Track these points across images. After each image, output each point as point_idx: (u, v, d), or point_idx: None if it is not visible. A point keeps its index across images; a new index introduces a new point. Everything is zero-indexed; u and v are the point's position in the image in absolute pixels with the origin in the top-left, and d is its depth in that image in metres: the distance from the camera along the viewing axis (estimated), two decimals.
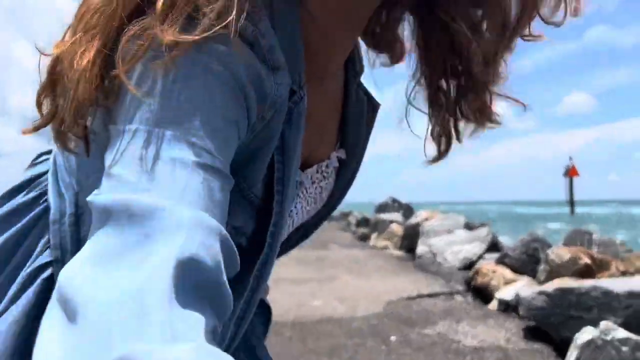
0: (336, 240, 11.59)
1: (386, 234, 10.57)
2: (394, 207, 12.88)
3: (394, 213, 12.26)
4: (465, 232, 7.65)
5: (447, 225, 8.38)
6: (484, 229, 7.58)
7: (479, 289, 5.73)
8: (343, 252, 8.81)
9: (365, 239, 12.30)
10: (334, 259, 7.55)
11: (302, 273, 5.96)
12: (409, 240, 9.23)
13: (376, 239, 10.61)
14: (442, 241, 7.69)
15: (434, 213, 9.56)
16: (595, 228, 28.20)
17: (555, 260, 5.07)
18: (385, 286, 5.08)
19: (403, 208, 12.76)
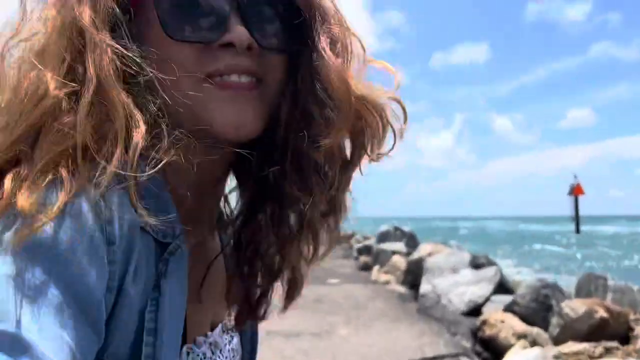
0: (337, 271, 11.21)
1: (388, 266, 10.19)
2: (396, 235, 12.49)
3: (397, 243, 11.88)
4: (471, 272, 7.27)
5: (452, 262, 8.00)
6: (491, 269, 7.20)
7: (487, 342, 5.34)
8: (343, 289, 8.43)
9: (367, 268, 11.91)
10: (332, 301, 7.17)
11: (297, 322, 5.59)
12: (412, 276, 8.84)
13: (378, 271, 10.22)
14: (446, 281, 7.31)
15: (438, 246, 9.18)
16: (604, 248, 27.61)
17: (570, 314, 4.70)
18: (386, 342, 4.70)
19: (406, 237, 12.36)
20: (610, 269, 20.74)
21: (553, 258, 26.60)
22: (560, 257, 27.01)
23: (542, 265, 22.47)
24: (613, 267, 22.21)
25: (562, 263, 24.17)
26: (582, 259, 26.13)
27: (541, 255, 28.96)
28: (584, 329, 4.67)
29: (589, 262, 24.43)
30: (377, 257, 11.56)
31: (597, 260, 25.13)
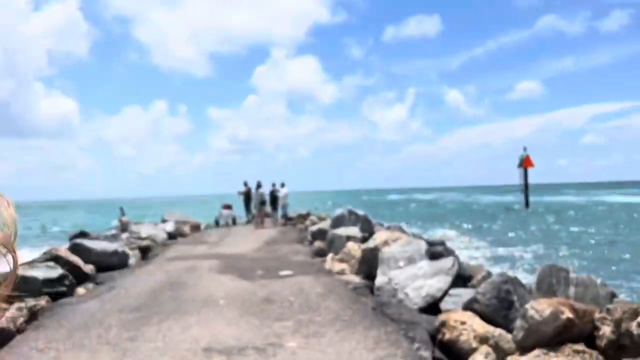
0: (291, 260, 10.74)
1: (343, 254, 9.78)
2: (350, 219, 12.10)
3: (351, 227, 11.49)
4: (428, 264, 6.91)
5: (408, 251, 7.63)
6: (449, 260, 6.86)
7: (447, 346, 4.98)
8: (295, 283, 7.95)
9: (322, 254, 11.49)
10: (283, 300, 6.68)
11: (242, 333, 5.07)
12: (367, 266, 8.45)
13: (332, 260, 9.79)
14: (403, 273, 6.93)
15: (394, 233, 8.81)
16: (550, 221, 28.03)
17: (534, 316, 4.36)
18: (340, 356, 4.25)
19: (360, 220, 12.01)
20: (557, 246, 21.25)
21: (505, 235, 27.03)
22: (513, 240, 27.47)
23: (495, 243, 22.76)
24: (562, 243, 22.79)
25: (516, 241, 24.58)
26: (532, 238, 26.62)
27: (493, 230, 29.41)
28: (549, 331, 4.36)
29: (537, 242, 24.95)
30: (331, 243, 11.14)
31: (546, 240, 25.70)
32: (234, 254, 12.05)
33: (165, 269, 10.05)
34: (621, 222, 32.83)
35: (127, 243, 14.53)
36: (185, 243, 15.71)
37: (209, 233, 18.91)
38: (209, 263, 10.65)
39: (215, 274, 9.20)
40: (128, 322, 5.74)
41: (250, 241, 15.06)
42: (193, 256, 12.08)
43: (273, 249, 12.94)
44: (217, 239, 16.41)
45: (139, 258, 13.62)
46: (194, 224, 21.88)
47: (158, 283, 8.41)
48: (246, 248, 13.33)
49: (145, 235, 16.90)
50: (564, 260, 16.78)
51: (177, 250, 13.85)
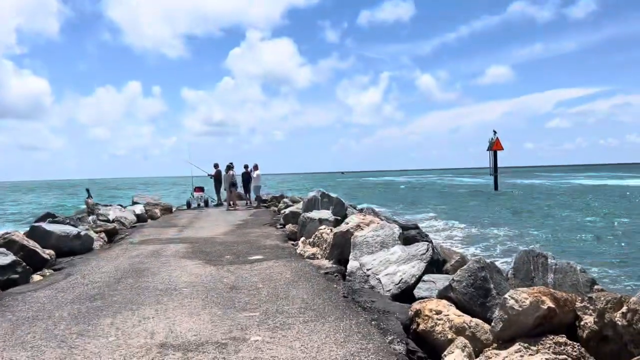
0: (262, 244, 10.37)
1: (315, 238, 9.46)
2: (323, 203, 11.76)
3: (324, 211, 11.16)
4: (401, 249, 6.63)
5: (381, 236, 7.34)
6: (423, 245, 6.59)
7: (421, 337, 4.71)
8: (265, 268, 7.61)
9: (294, 238, 11.16)
10: (250, 287, 6.33)
11: (204, 326, 4.70)
12: (338, 250, 8.16)
13: (304, 244, 9.46)
14: (375, 260, 6.64)
15: (367, 217, 8.50)
16: (517, 201, 28.43)
17: (514, 307, 4.10)
18: (307, 353, 3.92)
19: (333, 204, 11.68)
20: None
21: (477, 218, 27.14)
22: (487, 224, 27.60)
23: (468, 225, 22.80)
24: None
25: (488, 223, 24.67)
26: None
27: (465, 213, 29.52)
28: (530, 322, 4.11)
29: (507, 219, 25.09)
30: (303, 227, 10.81)
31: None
32: (202, 238, 11.63)
33: (130, 254, 9.59)
34: (590, 203, 33.35)
35: (92, 226, 13.96)
36: (154, 226, 15.20)
37: (179, 216, 18.39)
38: (176, 247, 10.22)
39: (182, 259, 8.79)
40: (80, 313, 5.32)
41: (221, 224, 14.63)
42: (161, 240, 11.62)
43: (244, 232, 12.55)
44: (187, 222, 15.93)
45: (105, 242, 13.10)
46: (165, 206, 21.28)
47: (120, 269, 7.97)
48: (216, 231, 12.91)
49: (112, 218, 16.31)
50: (536, 244, 16.85)
51: (144, 233, 13.35)
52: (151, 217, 18.54)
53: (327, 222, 10.53)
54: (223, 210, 19.88)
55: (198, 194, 22.31)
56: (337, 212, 11.48)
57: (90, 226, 13.95)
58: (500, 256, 13.91)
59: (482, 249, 15.42)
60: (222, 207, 21.69)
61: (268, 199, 23.81)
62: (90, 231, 13.31)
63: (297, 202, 20.16)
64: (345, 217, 11.69)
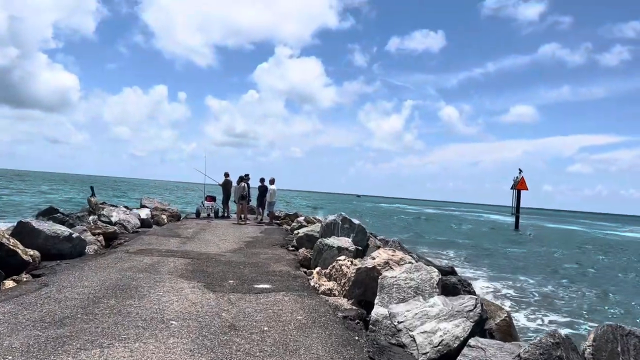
0: (271, 269, 9.20)
1: (333, 270, 8.25)
2: (343, 229, 10.57)
3: (343, 238, 9.96)
4: (444, 302, 5.40)
5: (416, 280, 6.12)
6: (470, 300, 5.35)
7: None
8: (272, 303, 6.43)
9: (307, 265, 9.96)
10: (253, 328, 5.15)
11: None
12: (361, 289, 6.94)
13: (319, 275, 8.26)
14: (410, 312, 5.42)
15: (396, 253, 7.28)
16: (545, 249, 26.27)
17: None
18: None
19: (355, 231, 10.48)
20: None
21: (503, 260, 25.65)
22: (517, 258, 26.10)
23: (494, 268, 21.20)
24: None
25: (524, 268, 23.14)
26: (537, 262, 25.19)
27: (494, 255, 27.97)
28: None
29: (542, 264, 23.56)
30: (319, 254, 9.60)
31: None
32: (206, 254, 10.49)
33: (122, 266, 8.49)
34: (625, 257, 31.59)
35: (90, 227, 12.92)
36: (157, 234, 14.11)
37: (186, 225, 17.31)
38: (175, 263, 9.09)
39: (179, 278, 7.65)
40: (37, 344, 4.19)
41: (229, 239, 13.50)
42: (160, 251, 10.51)
43: (252, 252, 11.39)
44: (193, 232, 14.82)
45: (101, 246, 12.04)
46: (173, 212, 20.27)
47: (105, 285, 6.85)
48: (222, 247, 11.77)
49: (115, 220, 15.28)
50: (579, 301, 15.31)
51: (145, 241, 12.27)
52: (157, 223, 17.49)
53: (347, 252, 9.32)
54: (232, 223, 18.76)
55: (209, 204, 21.25)
56: (359, 241, 10.28)
57: (89, 227, 12.91)
58: (535, 310, 12.53)
59: (516, 302, 13.98)
60: (229, 219, 20.59)
61: (281, 215, 22.66)
62: (87, 233, 12.28)
63: (311, 223, 18.95)
64: (366, 247, 10.48)
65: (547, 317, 12.49)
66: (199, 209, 21.15)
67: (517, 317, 11.46)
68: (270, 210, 20.41)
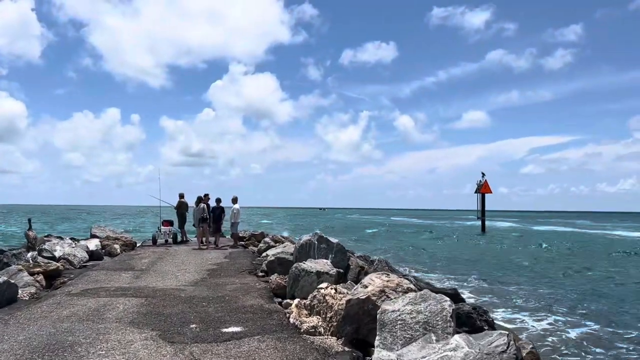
0: (239, 304, 7.88)
1: (315, 300, 6.99)
2: (320, 249, 9.34)
3: (321, 260, 8.73)
4: (467, 342, 4.23)
5: (424, 312, 4.95)
6: (500, 339, 4.20)
7: None
8: (245, 356, 5.14)
9: (281, 294, 8.67)
10: None
11: None
12: (353, 326, 5.73)
13: (299, 308, 6.99)
14: (425, 356, 4.23)
15: (391, 278, 6.09)
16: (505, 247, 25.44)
17: None
18: None
19: (333, 251, 9.27)
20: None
21: (485, 269, 24.95)
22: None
23: (480, 279, 20.13)
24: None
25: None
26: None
27: (470, 264, 27.24)
28: None
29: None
30: (296, 281, 8.34)
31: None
32: (163, 289, 9.06)
33: (59, 314, 7.01)
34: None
35: (28, 266, 11.23)
36: (108, 267, 12.51)
37: (142, 254, 15.67)
38: (125, 305, 7.65)
39: (128, 327, 6.24)
40: None
41: (189, 269, 12.05)
42: (109, 290, 9.02)
43: (217, 282, 10.00)
44: (149, 262, 13.27)
45: (41, 288, 10.41)
46: (127, 241, 18.49)
47: (32, 345, 5.40)
48: (182, 279, 10.34)
49: (59, 255, 13.57)
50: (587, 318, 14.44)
51: (93, 278, 10.70)
52: (109, 254, 15.80)
53: (328, 277, 8.12)
54: (192, 248, 17.23)
55: (166, 229, 19.59)
56: (338, 262, 9.08)
57: (26, 266, 11.22)
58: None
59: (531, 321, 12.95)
60: (188, 243, 19.04)
61: (246, 236, 21.20)
62: (23, 273, 10.61)
63: (280, 243, 17.62)
64: (347, 268, 9.28)
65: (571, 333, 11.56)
66: (155, 235, 19.46)
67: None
68: (233, 231, 18.97)
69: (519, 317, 12.58)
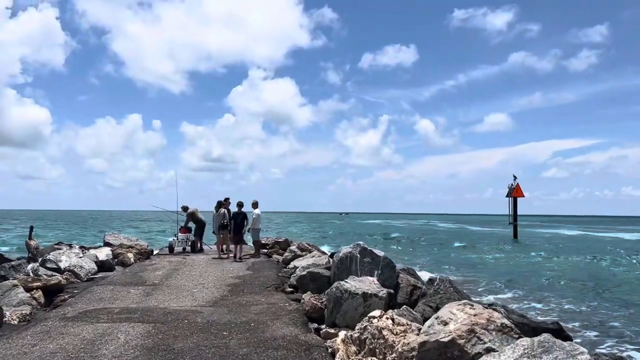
0: (270, 337, 6.35)
1: (366, 334, 5.39)
2: (363, 264, 7.74)
3: (367, 278, 7.14)
4: None
5: None
6: None
7: None
8: None
9: (319, 319, 7.12)
10: None
11: None
12: None
13: (346, 344, 5.41)
14: None
15: (477, 311, 4.49)
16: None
17: None
18: None
19: (379, 266, 7.65)
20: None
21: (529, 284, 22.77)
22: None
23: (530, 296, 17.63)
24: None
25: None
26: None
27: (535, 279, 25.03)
28: None
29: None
30: (337, 304, 6.77)
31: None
32: (176, 312, 7.58)
33: (44, 348, 5.56)
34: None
35: (25, 281, 9.86)
36: (116, 281, 11.09)
37: (156, 264, 14.26)
38: (128, 334, 6.17)
39: None
40: None
41: (208, 283, 10.56)
42: (111, 313, 7.56)
43: (240, 301, 8.49)
44: (163, 275, 11.83)
45: (37, 306, 9.06)
46: (142, 249, 17.01)
47: None
48: (199, 297, 8.85)
49: (65, 266, 12.22)
50: None
51: (97, 295, 9.28)
52: (122, 263, 14.43)
53: (377, 300, 6.54)
54: (212, 258, 15.77)
55: (184, 236, 18.18)
56: (385, 280, 7.49)
57: (23, 281, 9.85)
58: None
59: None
60: (207, 252, 17.60)
61: (269, 244, 19.67)
62: (18, 289, 9.24)
63: (306, 251, 16.05)
64: (397, 287, 7.67)
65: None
66: (172, 243, 18.06)
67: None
68: (255, 238, 17.41)
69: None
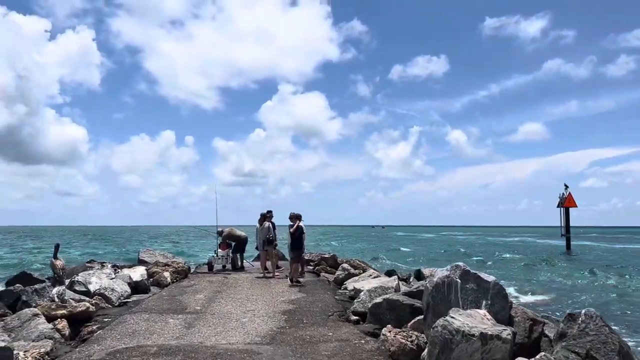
0: None
1: None
2: (466, 291, 5.92)
3: (477, 312, 5.40)
4: None
5: None
6: None
7: None
8: None
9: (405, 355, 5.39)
10: None
11: None
12: None
13: None
14: None
15: None
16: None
17: None
18: None
19: (487, 295, 5.82)
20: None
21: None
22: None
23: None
24: None
25: None
26: None
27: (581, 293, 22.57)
28: None
29: None
30: (445, 349, 5.02)
31: None
32: (228, 353, 5.96)
33: None
34: None
35: (48, 308, 8.46)
36: (152, 307, 9.58)
37: (196, 285, 12.76)
38: None
39: None
40: None
41: (259, 309, 8.96)
42: (149, 352, 6.03)
43: (302, 336, 6.84)
44: (205, 299, 10.29)
45: (61, 338, 7.66)
46: (179, 267, 15.44)
47: None
48: (252, 330, 7.25)
49: (95, 289, 10.82)
50: None
51: (129, 327, 7.77)
52: (157, 284, 13.01)
53: (499, 344, 4.79)
54: (255, 277, 14.19)
55: (223, 252, 16.68)
56: (497, 313, 5.72)
57: (45, 308, 8.44)
58: None
59: None
60: (249, 271, 15.96)
61: (314, 260, 18.00)
62: (39, 319, 7.83)
63: (359, 269, 14.31)
64: (510, 321, 5.89)
65: None
66: (211, 260, 16.60)
67: None
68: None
69: None
